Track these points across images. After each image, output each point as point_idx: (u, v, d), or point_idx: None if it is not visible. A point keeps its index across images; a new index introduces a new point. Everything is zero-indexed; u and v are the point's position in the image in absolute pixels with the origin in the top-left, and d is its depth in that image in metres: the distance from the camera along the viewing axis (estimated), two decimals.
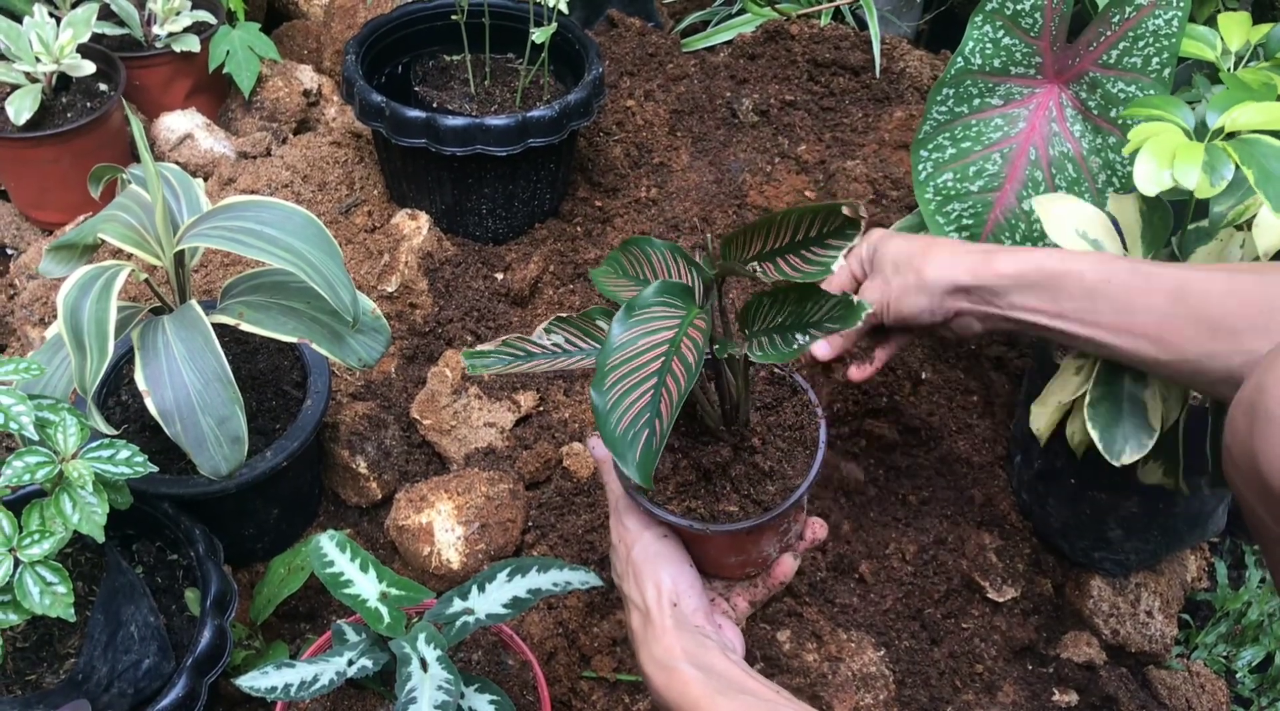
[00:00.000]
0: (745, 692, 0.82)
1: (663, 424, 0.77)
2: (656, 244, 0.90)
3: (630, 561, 0.92)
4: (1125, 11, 1.27)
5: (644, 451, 0.76)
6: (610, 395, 0.77)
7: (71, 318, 1.01)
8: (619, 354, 0.79)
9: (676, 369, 0.78)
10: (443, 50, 1.80)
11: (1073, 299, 0.98)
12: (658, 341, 0.79)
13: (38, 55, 1.61)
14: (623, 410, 0.77)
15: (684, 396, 0.77)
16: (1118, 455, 1.14)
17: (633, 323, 0.80)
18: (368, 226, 1.67)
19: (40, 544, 0.92)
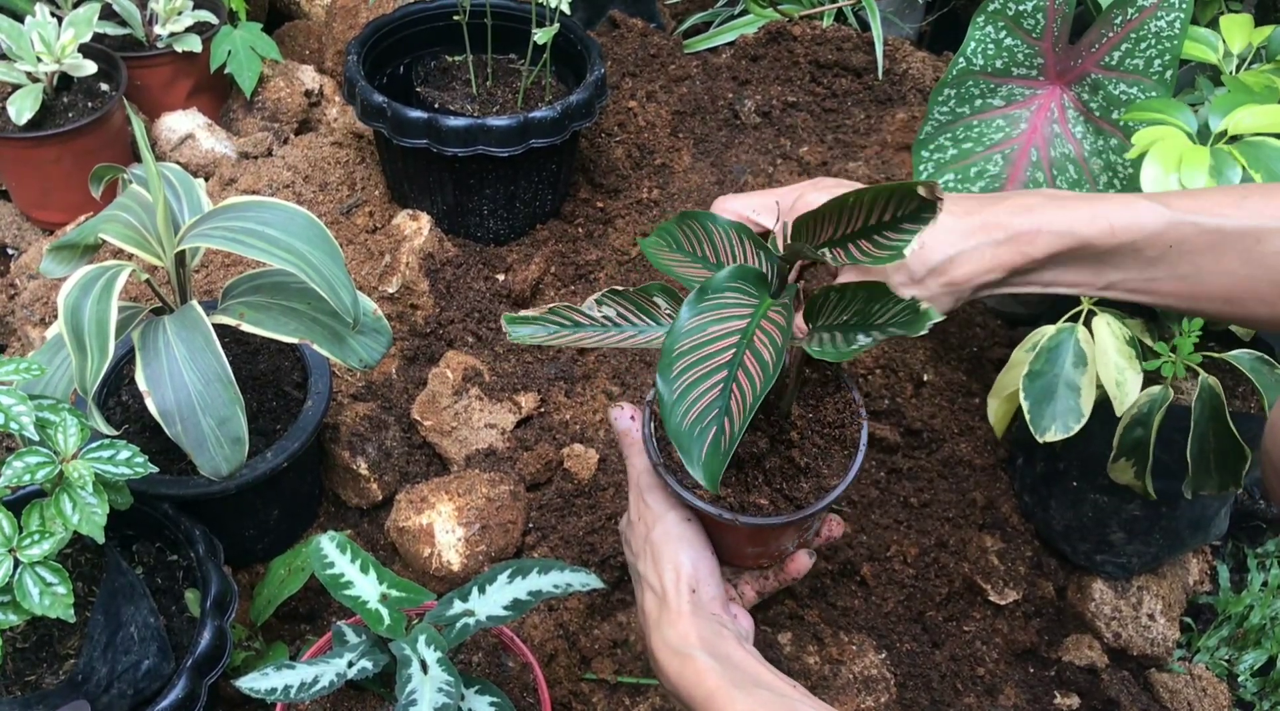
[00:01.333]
0: (761, 686, 0.80)
1: (734, 424, 0.72)
2: (720, 221, 0.84)
3: (650, 541, 0.89)
4: (1127, 13, 1.27)
5: (711, 451, 0.72)
6: (677, 384, 0.73)
7: (72, 318, 1.01)
8: (688, 339, 0.74)
9: (750, 364, 0.74)
10: (444, 51, 1.79)
11: (1124, 270, 0.88)
12: (729, 330, 0.75)
13: (39, 55, 1.61)
14: (690, 401, 0.73)
15: (759, 397, 0.72)
16: (1043, 432, 1.17)
17: (704, 308, 0.75)
18: (369, 227, 1.67)
19: (40, 544, 0.92)
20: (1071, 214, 0.87)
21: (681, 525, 0.89)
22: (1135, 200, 0.87)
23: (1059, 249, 0.88)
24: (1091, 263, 0.89)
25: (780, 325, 0.76)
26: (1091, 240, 0.87)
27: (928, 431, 1.49)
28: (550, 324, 0.84)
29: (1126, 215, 0.85)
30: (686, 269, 0.84)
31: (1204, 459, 1.14)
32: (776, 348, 0.75)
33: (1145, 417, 1.15)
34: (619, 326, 0.84)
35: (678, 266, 0.84)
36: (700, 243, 0.85)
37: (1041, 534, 1.44)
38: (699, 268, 0.83)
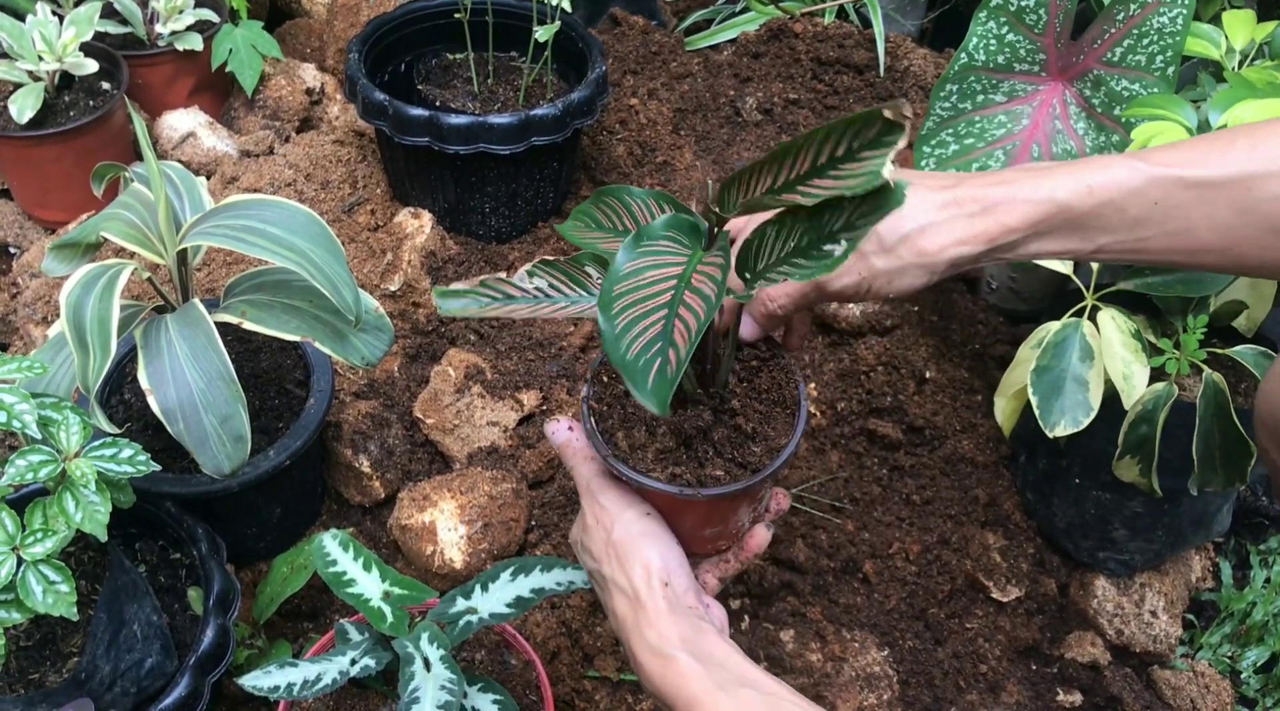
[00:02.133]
0: (746, 685, 0.78)
1: (679, 353, 0.69)
2: (635, 192, 0.82)
3: (612, 543, 0.86)
4: (1130, 9, 1.26)
5: (658, 378, 0.69)
6: (619, 320, 0.70)
7: (74, 316, 1.01)
8: (626, 282, 0.72)
9: (691, 301, 0.71)
10: (446, 49, 1.79)
11: (1112, 232, 0.83)
12: (667, 276, 0.73)
13: (40, 54, 1.61)
14: (634, 335, 0.70)
15: (702, 328, 0.70)
16: (1052, 426, 1.18)
17: (639, 253, 0.73)
18: (370, 225, 1.67)
19: (43, 542, 0.92)
20: (1048, 181, 0.84)
21: (642, 521, 0.86)
22: (1113, 160, 0.84)
23: (1037, 217, 0.84)
24: (1075, 228, 0.84)
25: (715, 274, 0.74)
26: (1070, 203, 0.83)
27: (930, 428, 1.49)
28: (482, 296, 0.82)
29: (1103, 176, 0.82)
30: (610, 244, 0.82)
31: (1209, 455, 1.14)
32: (716, 283, 0.72)
33: (1150, 414, 1.15)
34: (551, 298, 0.83)
35: (601, 243, 0.82)
36: (620, 216, 0.83)
37: (1044, 531, 1.44)
38: (622, 240, 0.79)
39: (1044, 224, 0.84)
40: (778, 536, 1.37)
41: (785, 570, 1.35)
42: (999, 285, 1.61)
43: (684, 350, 0.70)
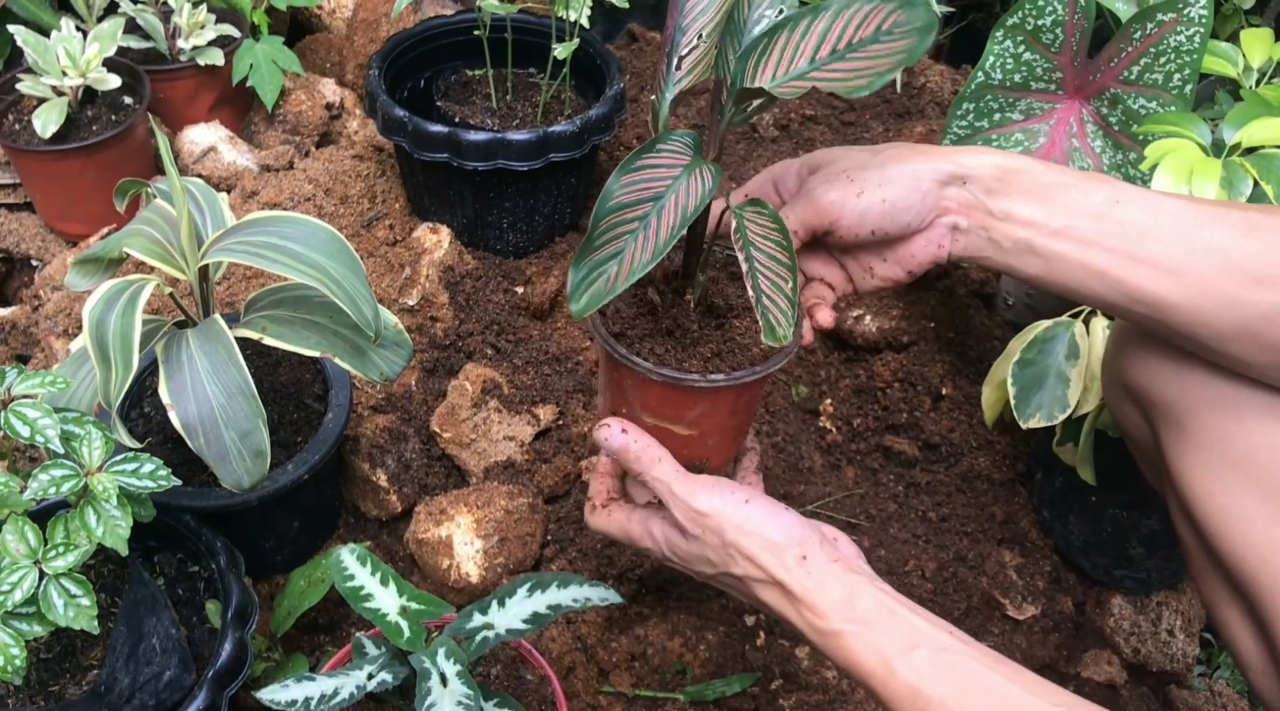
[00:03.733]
0: (917, 644, 0.78)
1: (619, 272, 0.74)
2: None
3: (729, 544, 0.84)
4: (1147, 28, 1.27)
5: (594, 291, 0.75)
6: (584, 261, 0.76)
7: (97, 331, 1.02)
8: (615, 199, 0.77)
9: (664, 218, 0.76)
10: (465, 65, 1.81)
11: (1074, 215, 0.83)
12: (651, 193, 0.77)
13: (64, 69, 1.63)
14: (592, 263, 0.76)
15: (675, 234, 0.74)
16: (1027, 419, 1.20)
17: (635, 167, 0.78)
18: (389, 240, 1.68)
19: (65, 556, 0.92)
20: (1010, 153, 0.88)
21: (745, 507, 0.85)
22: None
23: (1019, 164, 0.85)
24: (1044, 195, 0.84)
25: (707, 180, 0.77)
26: (1047, 168, 0.85)
27: (946, 445, 1.49)
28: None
29: (1081, 171, 0.87)
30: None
31: None
32: (701, 194, 0.76)
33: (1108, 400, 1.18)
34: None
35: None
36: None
37: (1060, 548, 1.44)
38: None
39: (1019, 175, 0.84)
40: None
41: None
42: (1015, 301, 1.61)
43: (631, 267, 0.74)
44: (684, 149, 0.80)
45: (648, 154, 0.78)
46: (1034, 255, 0.84)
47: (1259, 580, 0.84)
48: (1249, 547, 0.84)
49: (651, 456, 0.87)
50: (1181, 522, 0.93)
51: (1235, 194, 1.01)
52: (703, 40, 0.79)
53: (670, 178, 0.78)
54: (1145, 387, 0.93)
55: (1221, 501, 0.86)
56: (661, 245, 0.75)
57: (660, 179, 0.78)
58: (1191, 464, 0.88)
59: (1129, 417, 1.00)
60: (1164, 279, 0.81)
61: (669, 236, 0.75)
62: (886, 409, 1.52)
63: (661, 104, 0.81)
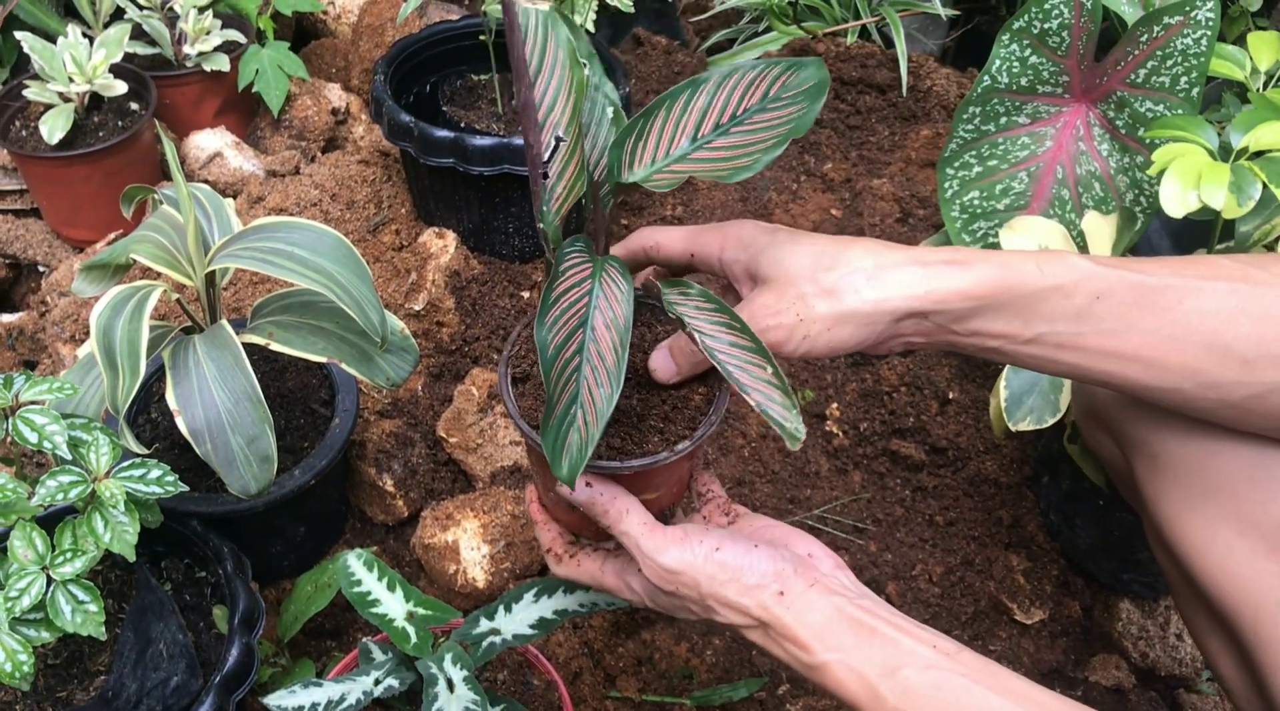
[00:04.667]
0: (902, 663, 0.76)
1: (589, 431, 0.69)
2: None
3: (706, 596, 0.81)
4: (1154, 31, 1.26)
5: (573, 456, 0.70)
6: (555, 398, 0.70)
7: (104, 337, 1.02)
8: (553, 367, 0.70)
9: (600, 332, 0.70)
10: (470, 69, 1.81)
11: (1052, 321, 0.79)
12: (579, 315, 0.71)
13: (71, 76, 1.63)
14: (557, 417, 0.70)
15: (620, 357, 0.69)
16: (1016, 421, 1.21)
17: (550, 304, 0.71)
18: (395, 245, 1.68)
19: (72, 562, 0.93)
20: (1002, 257, 0.81)
21: (715, 557, 0.81)
22: (1062, 253, 0.82)
23: (989, 286, 0.79)
24: (1019, 309, 0.79)
25: (618, 270, 0.73)
26: (1021, 281, 0.79)
27: (953, 449, 1.48)
28: None
29: (1053, 261, 0.80)
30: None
31: None
32: (621, 299, 0.71)
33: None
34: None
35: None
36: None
37: (1068, 552, 1.43)
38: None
39: (995, 299, 0.79)
40: None
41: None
42: None
43: (595, 405, 0.70)
44: (582, 258, 0.75)
45: (556, 282, 0.73)
46: (1003, 355, 0.82)
47: (1241, 612, 0.83)
48: (1229, 580, 0.84)
49: (619, 509, 0.83)
50: (1160, 551, 0.93)
51: (1244, 198, 1.01)
52: (564, 138, 0.72)
53: (585, 294, 0.73)
54: (1118, 420, 0.92)
55: (1201, 534, 0.85)
56: (614, 371, 0.70)
57: (578, 301, 0.73)
58: (1168, 497, 0.87)
59: (1103, 445, 0.99)
60: (1144, 369, 0.79)
61: (615, 359, 0.71)
62: (893, 413, 1.52)
63: (547, 224, 0.74)
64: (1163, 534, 0.88)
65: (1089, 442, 1.02)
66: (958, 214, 1.41)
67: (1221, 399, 0.79)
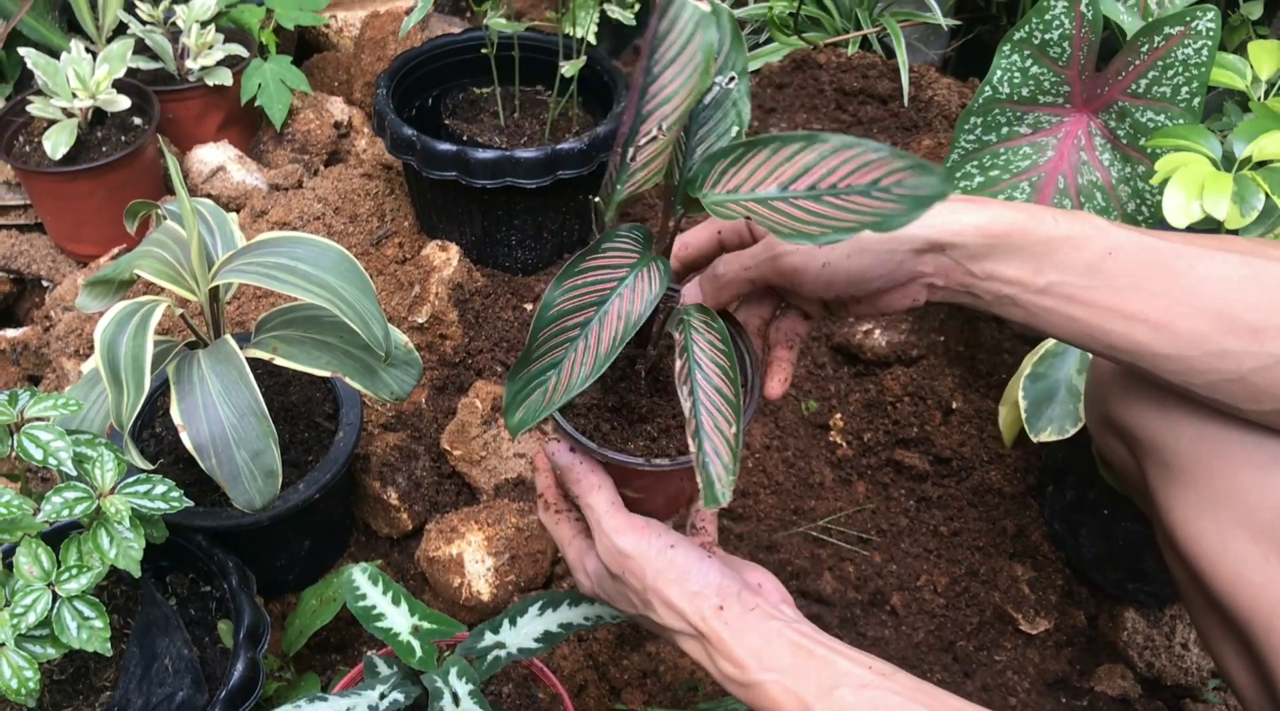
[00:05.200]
0: (839, 684, 0.76)
1: (558, 386, 0.71)
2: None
3: (649, 590, 0.82)
4: (1154, 41, 1.27)
5: (528, 407, 0.72)
6: (520, 374, 0.73)
7: (108, 353, 1.02)
8: (548, 327, 0.72)
9: (610, 319, 0.71)
10: (472, 83, 1.81)
11: (1063, 271, 0.79)
12: (594, 298, 0.72)
13: (74, 91, 1.63)
14: (529, 376, 0.72)
15: (617, 345, 0.70)
16: (1038, 432, 1.19)
17: (580, 270, 0.72)
18: (398, 258, 1.69)
19: (78, 579, 0.93)
20: (1019, 204, 0.81)
21: (668, 553, 0.82)
22: (1078, 212, 0.83)
23: (1005, 225, 0.79)
24: (1031, 254, 0.79)
25: (654, 282, 0.73)
26: (1035, 226, 0.79)
27: (957, 459, 1.48)
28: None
29: (1068, 215, 0.81)
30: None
31: None
32: (648, 297, 0.72)
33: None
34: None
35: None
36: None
37: (1072, 562, 1.43)
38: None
39: (1007, 237, 0.79)
40: (804, 569, 1.37)
41: (813, 602, 1.35)
42: None
43: (569, 382, 0.71)
44: (632, 246, 0.75)
45: (593, 256, 0.74)
46: (1017, 307, 0.82)
47: (1255, 619, 0.83)
48: (1242, 587, 0.83)
49: (591, 483, 0.84)
50: (1172, 558, 0.93)
51: (1247, 208, 1.01)
52: (663, 133, 0.70)
53: (615, 279, 0.73)
54: (1129, 424, 0.92)
55: (1213, 541, 0.85)
56: (603, 357, 0.72)
57: (605, 282, 0.73)
58: (1180, 502, 0.87)
59: (1114, 450, 0.98)
60: (1152, 332, 0.79)
61: (610, 348, 0.72)
62: (897, 423, 1.52)
63: (610, 202, 0.74)
64: (1175, 539, 0.88)
65: (1101, 448, 1.02)
66: None
67: (1228, 370, 0.79)
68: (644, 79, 0.69)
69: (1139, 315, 0.79)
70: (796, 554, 1.39)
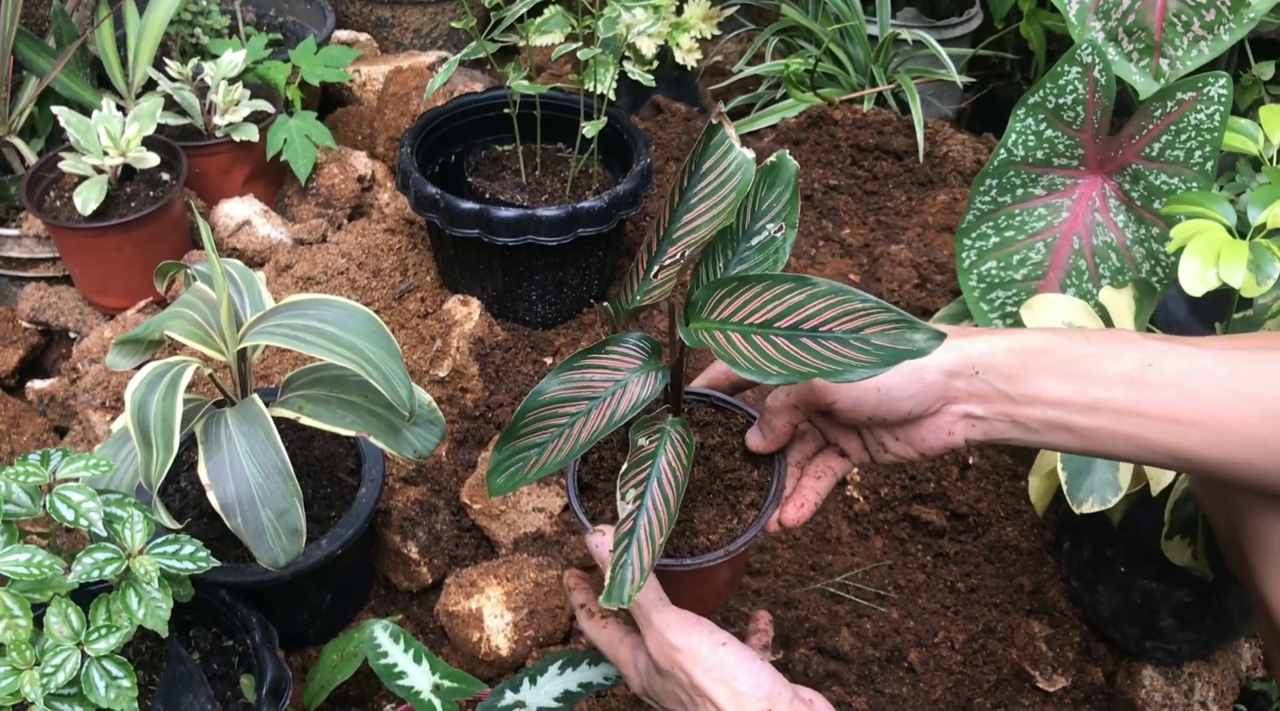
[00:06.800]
0: None
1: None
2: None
3: (696, 687, 0.80)
4: (1167, 106, 1.29)
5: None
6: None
7: (139, 414, 1.04)
8: (536, 410, 0.79)
9: (596, 413, 0.77)
10: (495, 140, 1.84)
11: (1107, 387, 0.77)
12: (594, 391, 0.78)
13: (105, 148, 1.67)
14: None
15: (594, 437, 0.76)
16: (1079, 503, 1.18)
17: (575, 366, 0.80)
18: (420, 312, 1.71)
19: (107, 639, 0.94)
20: (1044, 327, 0.83)
21: (719, 651, 0.81)
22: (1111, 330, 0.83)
23: (1038, 344, 0.79)
24: (1072, 372, 0.78)
25: (647, 389, 0.78)
26: (1069, 341, 0.79)
27: (974, 515, 1.49)
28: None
29: (1096, 330, 0.80)
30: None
31: None
32: (635, 401, 0.77)
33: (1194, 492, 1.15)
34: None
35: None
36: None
37: (1090, 619, 1.43)
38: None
39: (1041, 355, 0.78)
40: (822, 625, 1.38)
41: (830, 659, 1.36)
42: None
43: (549, 460, 0.78)
44: (637, 353, 0.80)
45: (595, 355, 0.79)
46: (1068, 433, 0.79)
47: None
48: None
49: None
50: (1267, 629, 0.90)
51: (1263, 276, 1.02)
52: (683, 258, 0.76)
53: (612, 381, 0.79)
54: (1226, 497, 0.90)
55: None
56: (580, 445, 0.77)
57: (601, 381, 0.79)
58: (1274, 581, 0.84)
59: (1216, 516, 0.96)
60: (1209, 438, 0.76)
61: (590, 437, 0.77)
62: (914, 478, 1.52)
63: (624, 309, 0.79)
64: (1271, 614, 0.86)
65: (1205, 511, 0.98)
66: (975, 283, 1.42)
67: None
68: (679, 204, 0.73)
69: (1190, 420, 0.77)
70: (814, 610, 1.40)
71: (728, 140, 0.74)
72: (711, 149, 0.74)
